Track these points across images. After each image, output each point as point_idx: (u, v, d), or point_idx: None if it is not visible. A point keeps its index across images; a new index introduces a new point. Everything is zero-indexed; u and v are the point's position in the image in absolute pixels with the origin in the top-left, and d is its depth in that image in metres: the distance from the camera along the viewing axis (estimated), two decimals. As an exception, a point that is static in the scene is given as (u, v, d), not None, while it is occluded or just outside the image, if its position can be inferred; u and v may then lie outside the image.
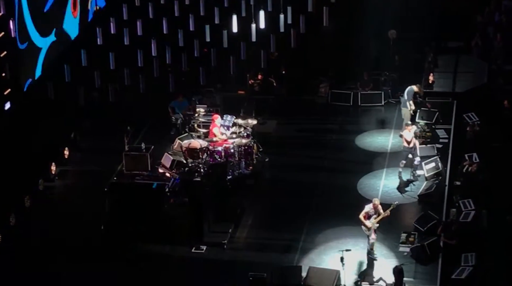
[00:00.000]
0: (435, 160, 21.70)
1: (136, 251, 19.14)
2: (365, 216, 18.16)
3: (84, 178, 22.12)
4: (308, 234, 19.53)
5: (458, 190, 21.14)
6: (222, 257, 18.95)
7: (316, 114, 25.33)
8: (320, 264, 18.11)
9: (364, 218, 18.16)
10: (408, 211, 20.53)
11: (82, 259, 18.97)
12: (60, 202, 21.23)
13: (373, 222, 18.10)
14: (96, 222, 19.77)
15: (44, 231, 19.96)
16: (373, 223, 18.11)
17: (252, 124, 22.83)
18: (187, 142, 22.09)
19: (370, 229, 18.08)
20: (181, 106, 24.07)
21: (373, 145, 23.49)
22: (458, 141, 23.14)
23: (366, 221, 18.12)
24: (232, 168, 21.56)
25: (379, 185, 21.50)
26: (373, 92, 25.64)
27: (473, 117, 23.62)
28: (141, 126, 24.15)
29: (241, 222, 20.13)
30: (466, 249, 18.64)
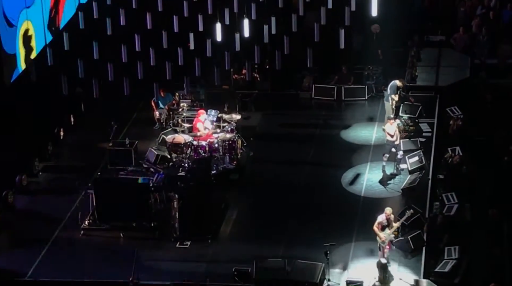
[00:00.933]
0: (419, 153, 21.80)
1: (120, 246, 19.09)
2: (379, 226, 17.83)
3: (68, 173, 22.05)
4: (292, 228, 19.57)
5: (441, 183, 21.26)
6: (207, 252, 18.96)
7: (300, 109, 25.38)
8: (305, 258, 18.12)
9: (378, 229, 17.87)
10: (391, 204, 20.53)
11: (65, 254, 18.94)
12: (43, 198, 21.14)
13: (388, 234, 17.81)
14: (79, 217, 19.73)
15: (27, 226, 19.90)
16: (389, 234, 17.83)
17: (236, 119, 22.85)
18: (171, 137, 22.09)
19: (384, 241, 17.85)
20: (164, 101, 24.05)
21: (357, 139, 23.56)
22: (441, 135, 23.25)
23: (380, 233, 17.78)
24: (216, 162, 21.57)
25: (363, 179, 21.57)
26: (357, 87, 25.72)
27: (456, 111, 23.74)
28: (125, 121, 24.10)
29: (226, 217, 20.14)
30: (449, 242, 18.77)
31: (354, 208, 20.39)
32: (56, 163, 22.55)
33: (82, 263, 18.68)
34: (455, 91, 25.22)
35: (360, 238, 19.16)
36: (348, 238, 19.12)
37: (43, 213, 20.51)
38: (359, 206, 20.52)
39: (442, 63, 26.85)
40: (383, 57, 26.59)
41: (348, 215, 20.06)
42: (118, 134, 23.05)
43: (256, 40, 19.53)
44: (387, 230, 17.83)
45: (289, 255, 18.31)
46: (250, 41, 19.98)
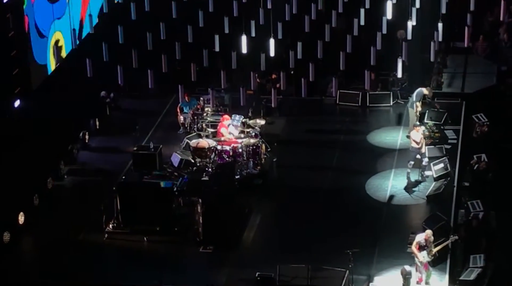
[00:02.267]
0: (444, 160, 21.71)
1: (144, 250, 19.18)
2: (417, 246, 17.65)
3: (92, 177, 22.17)
4: (316, 234, 19.54)
5: (467, 191, 21.16)
6: (230, 256, 18.98)
7: (325, 114, 25.37)
8: (328, 264, 18.05)
9: (417, 249, 17.65)
10: (416, 211, 20.54)
11: (89, 257, 19.06)
12: (69, 201, 21.28)
13: (425, 256, 17.62)
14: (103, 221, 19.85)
15: (52, 230, 20.06)
16: (426, 256, 17.63)
17: (261, 124, 22.90)
18: (195, 141, 22.18)
19: (422, 262, 17.68)
20: (189, 105, 24.15)
21: (381, 145, 23.49)
22: (467, 142, 23.15)
23: (418, 253, 17.59)
24: (240, 167, 21.62)
25: (387, 186, 21.52)
26: (382, 93, 25.67)
27: (482, 118, 23.62)
28: (149, 126, 24.23)
29: (249, 222, 20.15)
30: (474, 250, 18.67)
31: (378, 215, 20.33)
32: (81, 167, 22.70)
33: (105, 267, 18.79)
34: (481, 98, 25.09)
35: (384, 245, 19.10)
36: (372, 245, 19.05)
37: (68, 215, 20.62)
38: (383, 212, 20.45)
39: (468, 69, 26.72)
40: (409, 63, 26.47)
41: (372, 222, 20.00)
42: (143, 139, 23.12)
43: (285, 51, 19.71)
44: (424, 252, 17.62)
45: (313, 261, 18.23)
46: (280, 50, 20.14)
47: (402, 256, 18.45)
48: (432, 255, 17.70)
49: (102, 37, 21.32)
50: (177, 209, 20.03)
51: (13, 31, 19.92)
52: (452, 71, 26.72)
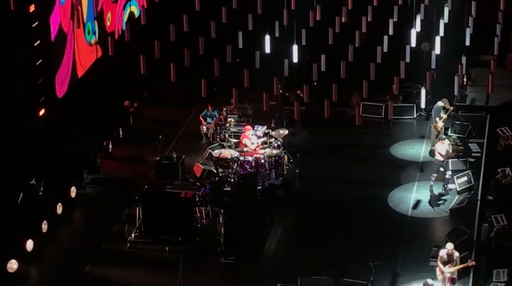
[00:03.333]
0: (467, 174, 21.61)
1: (166, 260, 19.24)
2: (441, 260, 17.59)
3: (115, 186, 22.30)
4: (337, 246, 19.52)
5: (491, 204, 21.05)
6: (251, 268, 18.99)
7: (347, 126, 25.34)
8: (349, 277, 18.05)
9: (441, 263, 17.57)
10: (439, 225, 20.46)
11: (111, 266, 19.14)
12: (91, 210, 21.41)
13: (447, 270, 17.54)
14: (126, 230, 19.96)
15: (75, 239, 20.18)
16: (448, 271, 17.55)
17: (283, 135, 22.92)
18: (218, 152, 22.23)
19: (444, 277, 17.62)
20: (212, 116, 24.25)
21: (404, 157, 23.44)
22: (491, 155, 23.03)
23: (443, 267, 17.54)
24: (262, 178, 21.63)
25: (410, 198, 21.45)
26: (405, 105, 25.61)
27: (507, 131, 23.50)
28: (172, 135, 24.34)
29: (271, 233, 20.17)
30: (498, 265, 18.56)
31: (400, 228, 20.27)
32: (104, 176, 22.82)
33: (127, 276, 18.85)
34: (506, 111, 24.95)
35: (406, 258, 19.04)
36: (394, 258, 18.99)
37: (91, 224, 20.74)
38: (405, 225, 20.39)
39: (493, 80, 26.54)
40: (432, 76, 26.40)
41: (395, 235, 19.95)
42: (166, 148, 23.23)
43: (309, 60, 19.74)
44: (447, 267, 17.54)
45: (334, 273, 18.23)
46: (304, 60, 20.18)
47: (424, 269, 18.39)
48: (452, 267, 17.56)
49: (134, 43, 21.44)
50: (199, 219, 20.06)
51: (39, 40, 20.13)
52: (476, 84, 26.59)
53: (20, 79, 19.57)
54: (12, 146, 19.26)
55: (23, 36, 19.54)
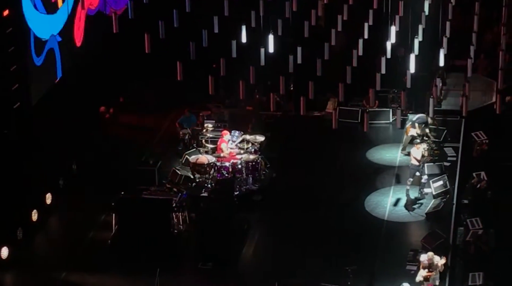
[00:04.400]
0: (443, 178, 21.75)
1: (142, 266, 19.18)
2: (422, 265, 17.75)
3: (90, 193, 22.18)
4: (314, 250, 19.57)
5: (466, 208, 21.18)
6: (228, 273, 19.00)
7: (324, 131, 25.40)
8: (326, 281, 18.08)
9: (422, 268, 17.75)
10: (415, 229, 20.56)
11: (87, 273, 19.08)
12: (67, 216, 21.28)
13: (422, 274, 17.69)
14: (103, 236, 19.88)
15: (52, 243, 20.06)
16: (421, 275, 17.71)
17: (260, 140, 22.95)
18: (194, 157, 22.23)
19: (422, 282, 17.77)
20: (189, 121, 24.22)
21: (381, 162, 23.56)
22: (466, 159, 23.19)
23: (419, 271, 17.73)
24: (239, 183, 21.66)
25: (386, 202, 21.55)
26: (381, 110, 25.74)
27: (481, 136, 23.67)
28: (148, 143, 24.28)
29: (248, 238, 20.17)
30: (473, 268, 18.67)
31: (377, 232, 20.35)
32: (79, 182, 22.69)
33: (104, 283, 18.78)
34: (480, 116, 25.14)
35: (383, 262, 19.12)
36: (371, 262, 19.06)
37: (66, 231, 20.65)
38: (382, 229, 20.47)
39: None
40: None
41: (371, 239, 20.03)
42: (142, 154, 23.15)
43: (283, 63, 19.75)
44: (422, 271, 17.69)
45: (311, 277, 18.29)
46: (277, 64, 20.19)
47: (401, 273, 18.44)
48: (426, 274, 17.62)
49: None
50: (176, 225, 20.02)
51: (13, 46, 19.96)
52: (451, 88, 26.79)
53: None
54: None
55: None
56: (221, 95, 26.03)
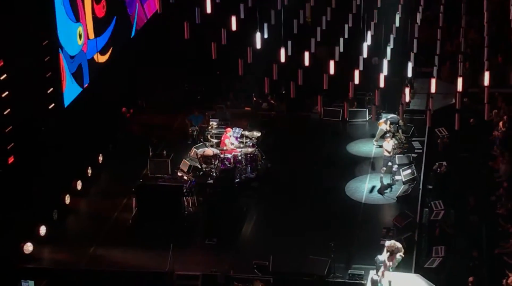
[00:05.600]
0: (411, 167, 21.91)
1: (158, 242, 19.32)
2: (389, 249, 17.19)
3: (114, 181, 22.29)
4: (303, 228, 19.68)
5: (430, 192, 21.34)
6: (231, 248, 19.14)
7: (311, 128, 25.56)
8: (313, 254, 18.19)
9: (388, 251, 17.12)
10: (388, 210, 20.71)
11: (113, 247, 19.23)
12: (95, 200, 21.41)
13: (384, 256, 17.14)
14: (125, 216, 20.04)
15: (82, 224, 20.24)
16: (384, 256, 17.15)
17: (257, 135, 23.09)
18: (201, 150, 22.35)
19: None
20: (197, 120, 24.36)
21: (359, 154, 23.64)
22: (430, 151, 23.32)
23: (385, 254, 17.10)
24: (239, 172, 21.77)
25: (363, 188, 21.69)
26: (359, 110, 25.85)
27: (443, 131, 23.81)
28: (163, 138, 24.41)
29: (247, 218, 20.32)
30: (436, 243, 18.85)
31: (356, 213, 20.49)
32: (105, 171, 22.81)
33: (126, 256, 18.90)
34: (442, 115, 25.27)
35: (361, 238, 19.26)
36: (351, 238, 19.20)
37: (94, 213, 20.75)
38: (360, 211, 20.61)
39: (431, 90, 26.84)
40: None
41: (351, 219, 20.16)
42: (157, 148, 23.32)
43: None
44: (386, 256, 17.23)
45: (301, 251, 18.41)
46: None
47: (376, 247, 18.55)
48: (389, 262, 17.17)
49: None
50: (186, 207, 20.16)
51: (49, 56, 20.02)
52: (418, 91, 26.88)
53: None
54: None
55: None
56: (224, 98, 26.24)
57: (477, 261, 18.61)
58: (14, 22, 18.32)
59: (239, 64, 18.55)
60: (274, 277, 17.73)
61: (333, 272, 17.86)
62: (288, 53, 19.78)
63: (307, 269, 17.80)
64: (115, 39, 24.10)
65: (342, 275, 17.84)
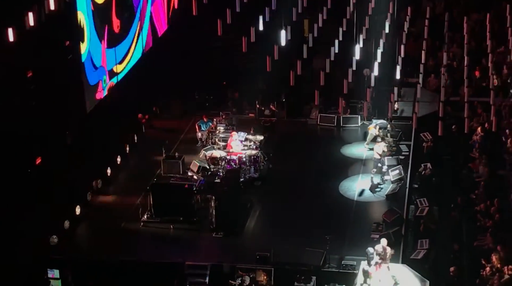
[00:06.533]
0: (399, 168, 21.85)
1: (171, 235, 19.34)
2: (377, 252, 16.75)
3: (130, 180, 22.28)
4: (301, 223, 19.64)
5: (416, 191, 21.29)
6: (236, 240, 19.13)
7: (308, 133, 25.52)
8: (310, 246, 18.15)
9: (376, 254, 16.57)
10: (377, 207, 20.64)
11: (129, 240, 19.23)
12: (113, 197, 21.40)
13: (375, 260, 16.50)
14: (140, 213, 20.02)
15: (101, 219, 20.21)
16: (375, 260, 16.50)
17: (260, 139, 23.06)
18: (210, 152, 22.33)
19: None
20: (205, 125, 24.36)
21: (352, 156, 23.59)
22: (416, 154, 23.27)
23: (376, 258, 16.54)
24: (244, 172, 21.74)
25: (355, 187, 21.63)
26: (352, 116, 25.81)
27: (428, 136, 23.77)
28: (175, 140, 24.40)
29: (251, 214, 20.29)
30: (421, 236, 18.80)
31: (348, 209, 20.44)
32: (123, 171, 22.80)
33: (142, 247, 18.90)
34: (427, 121, 25.25)
35: (354, 232, 19.21)
36: (344, 232, 19.17)
37: (113, 209, 20.71)
38: (352, 207, 20.57)
39: (417, 99, 26.82)
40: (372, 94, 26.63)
41: (344, 215, 20.10)
42: (170, 150, 23.32)
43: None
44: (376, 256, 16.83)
45: (299, 244, 18.35)
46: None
47: (367, 240, 18.53)
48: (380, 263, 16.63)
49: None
50: (196, 204, 20.14)
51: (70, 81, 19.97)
52: (405, 100, 26.84)
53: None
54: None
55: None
56: (230, 105, 26.22)
57: (458, 253, 18.57)
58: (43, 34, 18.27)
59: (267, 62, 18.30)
60: (275, 267, 17.70)
61: (328, 262, 17.83)
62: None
63: (305, 259, 17.77)
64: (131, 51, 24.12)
65: (336, 265, 17.80)
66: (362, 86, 27.17)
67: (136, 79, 24.49)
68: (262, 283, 17.54)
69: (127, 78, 23.87)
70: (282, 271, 17.68)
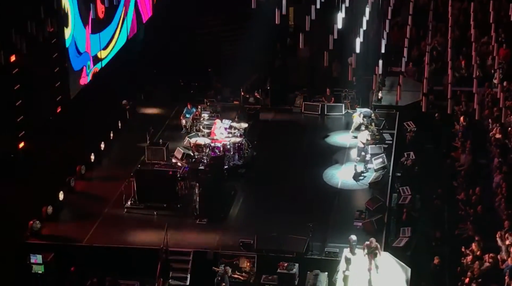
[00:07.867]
0: (382, 156, 21.88)
1: (154, 221, 19.26)
2: (364, 246, 16.72)
3: (114, 166, 22.13)
4: (284, 211, 19.62)
5: (399, 179, 21.36)
6: (219, 227, 19.09)
7: (292, 121, 25.48)
8: (293, 234, 18.15)
9: (363, 247, 16.56)
10: (360, 194, 20.70)
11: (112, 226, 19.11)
12: (96, 183, 21.25)
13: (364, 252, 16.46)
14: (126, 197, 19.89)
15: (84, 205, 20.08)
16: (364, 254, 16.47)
17: (244, 127, 22.99)
18: (194, 139, 22.23)
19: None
20: (190, 112, 24.22)
21: (335, 144, 23.59)
22: (400, 143, 23.33)
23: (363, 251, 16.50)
24: (228, 159, 21.67)
25: (339, 175, 21.61)
26: (336, 105, 25.81)
27: (411, 125, 23.84)
28: (159, 127, 24.26)
29: (234, 201, 20.26)
30: (403, 224, 18.89)
31: (332, 197, 20.45)
32: (106, 157, 22.63)
33: (125, 234, 18.81)
34: (410, 110, 25.33)
35: (337, 219, 19.24)
36: (327, 219, 19.19)
37: (96, 195, 20.60)
38: (336, 195, 20.59)
39: (401, 88, 26.84)
40: (356, 82, 26.67)
41: (328, 202, 20.11)
42: (154, 137, 23.16)
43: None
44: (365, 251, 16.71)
45: (282, 231, 18.35)
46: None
47: (350, 228, 18.59)
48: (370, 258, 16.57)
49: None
50: (180, 190, 20.07)
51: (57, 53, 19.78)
52: (389, 89, 26.89)
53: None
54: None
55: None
56: (213, 94, 26.11)
57: (439, 241, 18.68)
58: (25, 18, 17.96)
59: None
60: (258, 253, 17.69)
61: (311, 250, 17.84)
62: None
63: (288, 247, 17.76)
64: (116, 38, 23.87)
65: (319, 252, 17.81)
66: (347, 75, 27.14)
67: (120, 65, 24.25)
68: (245, 270, 17.53)
69: (111, 64, 23.62)
70: (265, 258, 17.64)
